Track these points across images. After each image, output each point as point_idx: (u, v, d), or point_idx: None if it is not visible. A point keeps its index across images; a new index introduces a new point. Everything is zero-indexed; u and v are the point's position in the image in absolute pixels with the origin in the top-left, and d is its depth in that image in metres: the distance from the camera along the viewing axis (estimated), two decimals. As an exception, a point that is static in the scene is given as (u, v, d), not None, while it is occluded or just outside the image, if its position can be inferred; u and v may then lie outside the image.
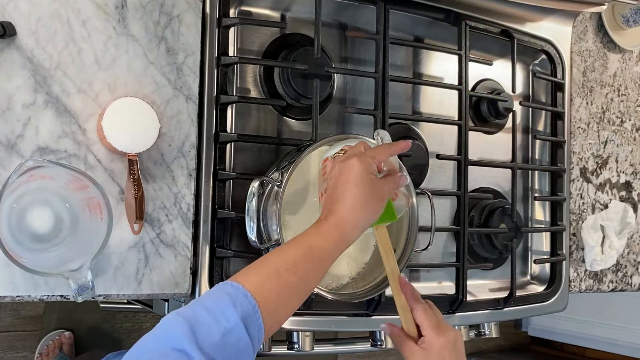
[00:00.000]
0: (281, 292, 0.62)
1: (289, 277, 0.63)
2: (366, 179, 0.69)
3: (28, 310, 1.70)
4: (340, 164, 0.71)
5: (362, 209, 0.69)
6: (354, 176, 0.69)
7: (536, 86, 1.17)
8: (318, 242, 0.66)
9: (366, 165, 0.70)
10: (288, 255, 0.65)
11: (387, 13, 0.94)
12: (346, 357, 2.04)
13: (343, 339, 0.99)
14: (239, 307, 0.57)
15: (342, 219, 0.68)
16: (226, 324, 0.56)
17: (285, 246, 0.67)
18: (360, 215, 0.69)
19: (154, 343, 0.54)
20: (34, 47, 0.76)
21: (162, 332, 0.55)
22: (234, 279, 0.61)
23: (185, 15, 0.84)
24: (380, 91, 0.93)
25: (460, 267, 0.99)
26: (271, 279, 0.62)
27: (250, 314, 0.58)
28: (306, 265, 0.65)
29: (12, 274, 0.73)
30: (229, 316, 0.56)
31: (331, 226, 0.68)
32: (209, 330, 0.55)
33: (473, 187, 1.08)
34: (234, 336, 0.56)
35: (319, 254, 0.66)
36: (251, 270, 0.63)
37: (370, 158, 0.71)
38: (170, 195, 0.82)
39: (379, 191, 0.71)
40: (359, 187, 0.69)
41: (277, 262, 0.64)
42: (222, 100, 0.85)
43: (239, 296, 0.58)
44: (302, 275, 0.64)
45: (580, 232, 1.18)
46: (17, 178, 0.65)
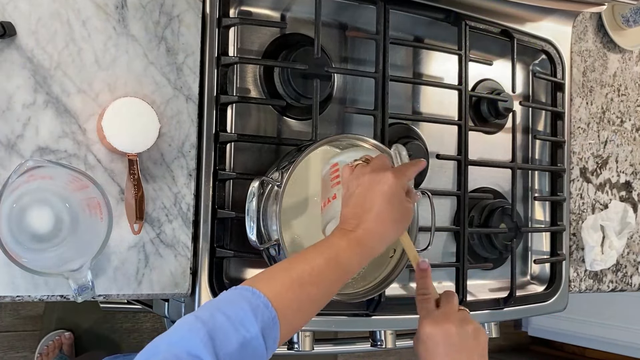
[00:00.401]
0: (302, 303, 0.61)
1: (311, 289, 0.62)
2: (399, 195, 0.69)
3: (28, 310, 1.70)
4: (373, 175, 0.69)
5: (392, 225, 0.69)
6: (388, 190, 0.68)
7: (536, 86, 1.17)
8: (345, 255, 0.65)
9: (401, 182, 0.69)
10: (313, 266, 0.63)
11: (387, 13, 0.94)
12: (346, 357, 2.04)
13: (343, 339, 0.99)
14: (259, 318, 0.56)
15: (371, 232, 0.67)
16: (245, 334, 0.55)
17: (311, 254, 0.65)
18: (390, 230, 0.69)
19: (168, 346, 0.53)
20: (34, 47, 0.76)
21: (178, 335, 0.53)
22: (254, 285, 0.59)
23: (185, 15, 0.84)
24: (380, 91, 0.93)
25: (460, 267, 0.99)
26: (294, 289, 0.60)
27: (270, 326, 0.57)
28: (330, 277, 0.63)
29: (12, 274, 0.73)
30: (249, 326, 0.55)
31: (360, 238, 0.66)
32: (227, 338, 0.53)
33: (473, 187, 1.08)
34: (252, 346, 0.55)
35: (344, 266, 0.65)
36: (273, 277, 0.61)
37: (403, 175, 0.70)
38: (170, 195, 0.82)
39: (407, 209, 0.70)
40: (392, 203, 0.68)
41: (300, 272, 0.62)
42: (222, 100, 0.85)
43: (259, 305, 0.57)
44: (323, 287, 0.63)
45: (580, 232, 1.18)
46: (17, 178, 0.65)
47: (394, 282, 0.84)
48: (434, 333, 0.69)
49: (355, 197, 0.70)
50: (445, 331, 0.69)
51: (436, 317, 0.71)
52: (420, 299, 0.74)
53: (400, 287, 1.00)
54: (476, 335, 0.71)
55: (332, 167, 0.79)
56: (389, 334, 0.95)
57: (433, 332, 0.69)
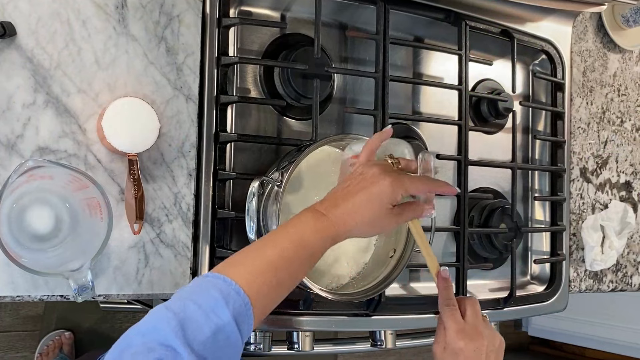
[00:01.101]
0: (272, 286, 0.61)
1: (281, 274, 0.62)
2: (383, 203, 0.67)
3: (28, 310, 1.70)
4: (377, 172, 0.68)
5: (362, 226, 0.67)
6: (375, 193, 0.67)
7: (536, 86, 1.17)
8: (311, 239, 0.65)
9: (394, 193, 0.67)
10: (281, 249, 0.63)
11: (387, 13, 0.94)
12: (346, 357, 2.04)
13: (343, 339, 0.99)
14: (231, 305, 0.56)
15: (342, 220, 0.66)
16: (218, 321, 0.55)
17: (279, 237, 0.65)
18: (357, 229, 0.68)
19: (140, 337, 0.52)
20: (34, 47, 0.76)
21: (149, 325, 0.53)
22: (225, 272, 0.59)
23: (185, 15, 0.84)
24: (380, 91, 0.93)
25: (460, 267, 0.99)
26: (264, 274, 0.61)
27: (243, 312, 0.57)
28: (299, 261, 0.64)
29: (12, 274, 0.73)
30: (221, 314, 0.55)
31: (330, 223, 0.66)
32: (199, 327, 0.54)
33: (473, 187, 1.08)
34: (225, 333, 0.55)
35: (310, 250, 0.65)
36: (243, 263, 0.62)
37: (402, 189, 0.67)
38: (170, 195, 0.82)
39: (384, 222, 0.68)
40: (372, 208, 0.67)
41: (270, 256, 0.62)
42: (222, 100, 0.85)
43: (231, 293, 0.57)
44: (293, 272, 0.64)
45: (580, 232, 1.18)
46: (17, 178, 0.65)
47: (394, 282, 0.84)
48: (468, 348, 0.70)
49: (348, 181, 0.69)
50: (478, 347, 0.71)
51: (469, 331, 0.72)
52: (448, 310, 0.74)
53: (400, 287, 1.00)
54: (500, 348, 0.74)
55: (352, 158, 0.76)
56: (389, 334, 0.95)
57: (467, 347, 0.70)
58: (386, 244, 0.88)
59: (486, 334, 0.72)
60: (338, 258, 0.87)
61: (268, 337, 0.88)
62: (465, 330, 0.71)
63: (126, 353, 0.51)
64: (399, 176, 0.68)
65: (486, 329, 0.73)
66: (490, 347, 0.72)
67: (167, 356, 0.50)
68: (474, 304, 0.75)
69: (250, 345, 0.87)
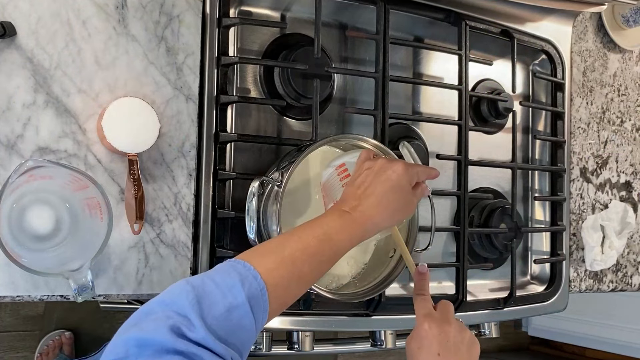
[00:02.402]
0: (293, 279, 0.62)
1: (302, 267, 0.63)
2: (404, 187, 0.70)
3: (28, 310, 1.70)
4: (386, 162, 0.71)
5: (390, 214, 0.70)
6: (395, 180, 0.70)
7: (536, 86, 1.17)
8: (338, 236, 0.66)
9: (410, 175, 0.71)
10: (306, 245, 0.64)
11: (387, 13, 0.94)
12: (346, 357, 2.04)
13: (343, 339, 0.99)
14: (246, 287, 0.58)
15: (368, 216, 0.68)
16: (232, 300, 0.57)
17: (304, 232, 0.66)
18: (387, 219, 0.70)
19: (163, 306, 0.55)
20: (34, 47, 0.76)
21: (169, 296, 0.56)
22: (247, 259, 0.61)
23: (185, 15, 0.84)
24: (380, 91, 0.93)
25: (460, 267, 0.99)
26: (285, 266, 0.62)
27: (258, 296, 0.58)
28: (322, 257, 0.65)
29: (12, 274, 0.73)
30: (236, 294, 0.57)
31: (356, 221, 0.67)
32: (214, 302, 0.56)
33: (473, 187, 1.08)
34: (238, 314, 0.57)
35: (336, 247, 0.66)
36: (265, 252, 0.63)
37: (414, 170, 0.72)
38: (170, 195, 0.82)
39: (410, 203, 0.72)
40: (395, 193, 0.69)
41: (293, 250, 0.63)
42: (222, 100, 0.85)
43: (248, 277, 0.59)
44: (315, 267, 0.64)
45: (580, 232, 1.18)
46: (17, 178, 0.65)
47: (394, 282, 0.85)
48: (432, 331, 0.69)
49: (362, 178, 0.71)
50: (443, 332, 0.69)
51: (436, 317, 0.71)
52: (420, 299, 0.74)
53: (400, 287, 1.00)
54: (471, 344, 0.71)
55: (339, 168, 0.78)
56: (389, 334, 0.95)
57: (431, 330, 0.69)
58: (386, 244, 0.88)
59: (454, 324, 0.71)
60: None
61: (268, 337, 0.88)
62: (431, 315, 0.71)
63: (148, 317, 0.54)
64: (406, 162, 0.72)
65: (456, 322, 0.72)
66: (458, 337, 0.70)
67: (183, 324, 0.53)
68: (447, 304, 0.75)
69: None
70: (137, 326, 0.54)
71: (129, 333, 0.53)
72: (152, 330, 0.52)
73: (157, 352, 0.51)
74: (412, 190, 0.72)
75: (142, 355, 0.51)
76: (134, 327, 0.54)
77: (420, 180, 0.74)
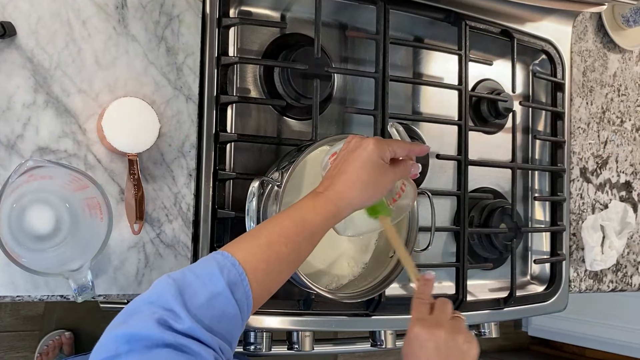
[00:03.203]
0: (272, 262, 0.63)
1: (280, 248, 0.64)
2: (375, 162, 0.69)
3: (28, 310, 1.70)
4: (358, 140, 0.71)
5: (361, 190, 0.69)
6: (365, 156, 0.69)
7: (536, 86, 1.17)
8: (311, 217, 0.67)
9: (381, 149, 0.70)
10: (281, 228, 0.65)
11: (387, 13, 0.94)
12: (346, 357, 2.04)
13: (343, 339, 0.99)
14: (225, 274, 0.59)
15: (340, 194, 0.68)
16: (212, 288, 0.58)
17: (279, 217, 0.67)
18: (358, 195, 0.69)
19: (148, 304, 0.56)
20: (34, 47, 0.76)
21: (153, 293, 0.57)
22: (225, 248, 0.63)
23: (185, 15, 0.84)
24: (380, 91, 0.93)
25: (460, 267, 0.99)
26: (262, 249, 0.63)
27: (237, 282, 0.60)
28: (298, 238, 0.65)
29: (12, 274, 0.73)
30: (216, 282, 0.59)
31: (328, 200, 0.68)
32: (195, 292, 0.57)
33: (473, 187, 1.08)
34: (220, 300, 0.58)
35: (311, 228, 0.67)
36: (243, 240, 0.65)
37: (387, 145, 0.71)
38: (170, 195, 0.82)
39: (383, 179, 0.70)
40: (365, 168, 0.69)
41: (269, 233, 0.65)
42: (222, 100, 0.85)
43: (226, 264, 0.60)
44: (293, 247, 0.65)
45: (580, 232, 1.18)
46: (17, 178, 0.65)
47: (394, 282, 0.85)
48: (421, 335, 0.68)
49: (338, 159, 0.72)
50: (433, 335, 0.68)
51: (427, 320, 0.70)
52: (417, 302, 0.73)
53: (400, 287, 1.00)
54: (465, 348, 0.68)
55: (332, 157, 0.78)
56: (389, 334, 0.95)
57: (421, 334, 0.68)
58: (386, 244, 0.88)
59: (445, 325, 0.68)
60: (338, 258, 0.87)
61: (268, 337, 0.88)
62: (424, 320, 0.69)
63: (134, 316, 0.55)
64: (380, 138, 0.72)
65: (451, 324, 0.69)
66: (450, 341, 0.67)
67: (169, 317, 0.54)
68: (444, 303, 0.72)
69: (250, 346, 0.87)
70: (125, 323, 0.55)
71: (117, 330, 0.54)
72: (139, 326, 0.53)
73: (146, 347, 0.52)
74: (390, 167, 0.71)
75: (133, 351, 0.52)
76: (122, 325, 0.55)
77: (398, 157, 0.72)
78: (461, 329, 0.70)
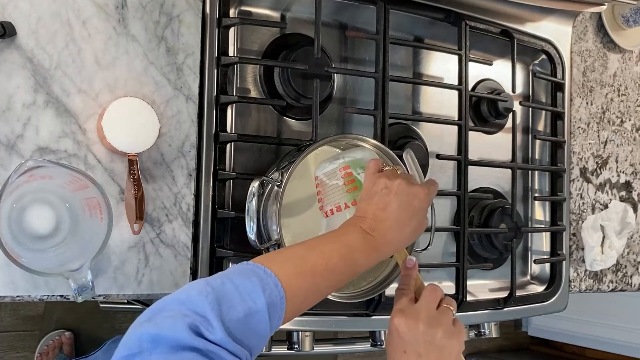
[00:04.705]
0: (309, 291, 0.63)
1: (321, 282, 0.63)
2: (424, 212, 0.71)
3: (28, 310, 1.70)
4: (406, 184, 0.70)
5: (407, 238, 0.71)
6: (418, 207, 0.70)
7: (536, 86, 1.17)
8: (358, 256, 0.66)
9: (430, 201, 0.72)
10: (327, 260, 0.64)
11: (387, 13, 0.94)
12: (346, 357, 2.04)
13: (343, 339, 0.99)
14: (267, 294, 0.57)
15: (388, 241, 0.69)
16: (252, 305, 0.56)
17: (327, 246, 0.66)
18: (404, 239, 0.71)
19: (178, 304, 0.55)
20: (34, 47, 0.76)
21: (186, 295, 0.55)
22: (267, 264, 0.60)
23: (185, 15, 0.84)
24: (380, 91, 0.93)
25: (460, 267, 0.99)
26: (305, 278, 0.62)
27: (276, 304, 0.58)
28: (340, 275, 0.65)
29: (12, 274, 0.73)
30: (256, 299, 0.57)
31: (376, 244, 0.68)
32: (233, 305, 0.55)
33: (473, 187, 1.08)
34: (256, 319, 0.56)
35: (354, 266, 0.66)
36: (286, 261, 0.63)
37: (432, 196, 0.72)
38: (170, 195, 0.82)
39: (423, 224, 0.73)
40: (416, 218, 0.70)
41: (314, 264, 0.63)
42: (222, 100, 0.85)
43: (269, 283, 0.58)
44: (332, 283, 0.65)
45: (580, 232, 1.18)
46: (17, 178, 0.65)
47: (394, 282, 0.84)
48: (399, 327, 0.67)
49: (380, 197, 0.70)
50: (409, 327, 0.67)
51: (407, 311, 0.69)
52: (398, 293, 0.74)
53: (400, 287, 1.00)
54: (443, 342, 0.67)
55: (342, 170, 0.76)
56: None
57: (399, 325, 0.67)
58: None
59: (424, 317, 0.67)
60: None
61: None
62: (404, 311, 0.69)
63: (161, 314, 0.54)
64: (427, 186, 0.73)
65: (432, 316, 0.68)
66: (429, 335, 0.66)
67: (202, 324, 0.52)
68: (430, 291, 0.71)
69: (250, 345, 0.87)
70: (152, 322, 0.53)
71: (142, 328, 0.53)
72: (168, 327, 0.52)
73: (172, 348, 0.50)
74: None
75: (157, 350, 0.50)
76: (148, 323, 0.53)
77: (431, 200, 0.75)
78: (442, 323, 0.68)
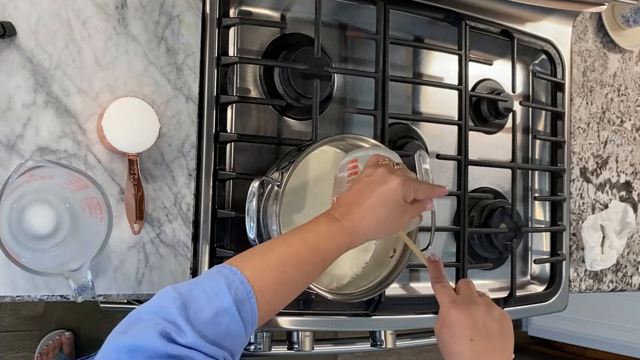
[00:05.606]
0: (280, 283, 0.63)
1: (290, 271, 0.63)
2: (397, 202, 0.69)
3: (28, 310, 1.70)
4: (385, 173, 0.70)
5: (377, 226, 0.69)
6: (388, 194, 0.68)
7: (536, 86, 1.17)
8: (325, 245, 0.66)
9: (405, 191, 0.69)
10: (293, 251, 0.64)
11: (387, 13, 0.94)
12: (346, 357, 2.04)
13: (343, 339, 0.99)
14: (233, 291, 0.58)
15: (356, 227, 0.68)
16: (219, 304, 0.57)
17: (292, 238, 0.66)
18: (373, 231, 0.69)
19: (151, 314, 0.56)
20: (34, 47, 0.76)
21: (157, 303, 0.57)
22: (234, 264, 0.61)
23: (185, 15, 0.84)
24: (380, 91, 0.93)
25: (460, 267, 0.99)
26: (273, 271, 0.62)
27: (245, 300, 0.59)
28: (309, 263, 0.65)
29: (12, 274, 0.73)
30: (223, 298, 0.57)
31: (343, 230, 0.67)
32: (201, 307, 0.56)
33: (473, 187, 1.08)
34: (226, 318, 0.57)
35: (323, 255, 0.66)
36: (253, 257, 0.63)
37: (412, 187, 0.69)
38: (170, 195, 0.82)
39: (401, 218, 0.70)
40: (385, 206, 0.68)
41: (280, 255, 0.64)
42: (222, 100, 0.85)
43: (235, 281, 0.59)
44: (303, 271, 0.65)
45: (580, 232, 1.18)
46: (17, 178, 0.65)
47: (394, 282, 0.84)
48: (461, 317, 0.69)
49: (359, 185, 0.70)
50: (473, 315, 0.69)
51: (461, 301, 0.70)
52: (439, 286, 0.73)
53: (400, 287, 1.00)
54: (502, 319, 0.70)
55: (350, 162, 0.77)
56: (389, 334, 0.95)
57: (460, 316, 0.69)
58: (386, 244, 0.88)
59: (480, 303, 0.70)
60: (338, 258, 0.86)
61: (268, 337, 0.88)
62: (457, 301, 0.70)
63: (137, 324, 0.55)
64: (407, 177, 0.70)
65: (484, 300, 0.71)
66: (487, 317, 0.69)
67: (172, 330, 0.54)
68: (468, 283, 0.74)
69: (250, 345, 0.87)
70: (127, 333, 0.54)
71: (118, 340, 0.53)
72: (142, 336, 0.53)
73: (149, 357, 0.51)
74: (409, 206, 0.70)
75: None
76: (124, 334, 0.54)
77: (420, 198, 0.71)
78: (491, 304, 0.71)
